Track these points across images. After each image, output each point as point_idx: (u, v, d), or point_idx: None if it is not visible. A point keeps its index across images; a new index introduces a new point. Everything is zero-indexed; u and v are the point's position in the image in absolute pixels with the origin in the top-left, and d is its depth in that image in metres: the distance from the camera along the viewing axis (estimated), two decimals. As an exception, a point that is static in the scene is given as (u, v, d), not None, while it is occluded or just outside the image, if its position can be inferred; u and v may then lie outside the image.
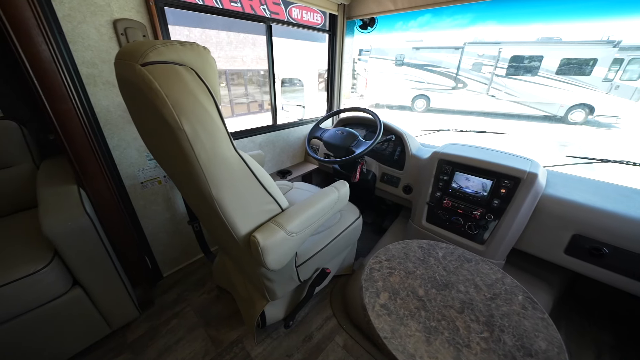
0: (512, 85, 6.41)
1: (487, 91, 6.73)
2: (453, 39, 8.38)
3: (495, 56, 6.37)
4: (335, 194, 0.93)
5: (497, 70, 6.50)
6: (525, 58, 6.17)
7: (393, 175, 1.50)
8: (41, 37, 0.82)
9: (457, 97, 7.32)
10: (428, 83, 7.63)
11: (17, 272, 0.83)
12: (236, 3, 6.06)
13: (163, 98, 0.49)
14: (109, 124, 1.06)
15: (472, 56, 6.87)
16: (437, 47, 7.46)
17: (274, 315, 1.08)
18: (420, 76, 7.66)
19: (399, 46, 7.94)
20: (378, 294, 0.60)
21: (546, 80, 5.87)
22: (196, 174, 0.56)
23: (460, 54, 7.05)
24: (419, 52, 7.74)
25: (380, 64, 8.26)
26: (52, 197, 0.94)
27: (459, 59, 7.10)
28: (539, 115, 6.27)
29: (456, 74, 7.30)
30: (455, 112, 7.41)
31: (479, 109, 7.03)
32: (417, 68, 7.73)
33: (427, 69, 7.81)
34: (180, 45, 0.57)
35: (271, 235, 0.70)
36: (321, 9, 1.74)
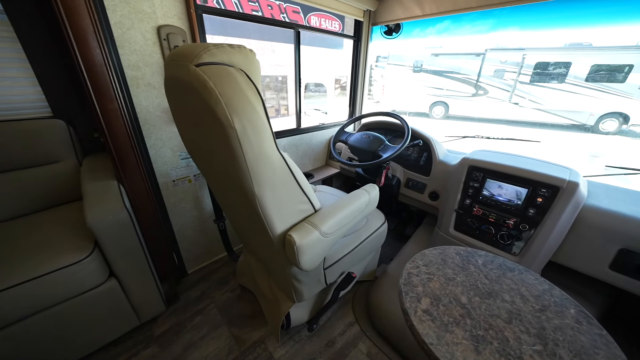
0: (536, 93, 6.18)
1: (510, 98, 6.52)
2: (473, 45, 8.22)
3: (519, 62, 6.18)
4: (367, 197, 0.92)
5: (520, 77, 6.29)
6: (551, 64, 5.94)
7: (418, 181, 1.47)
8: (96, 42, 0.88)
9: (477, 105, 7.13)
10: (447, 90, 7.50)
11: (63, 261, 0.88)
12: (257, 12, 6.27)
13: (217, 96, 0.51)
14: (148, 124, 1.12)
15: (494, 62, 6.70)
16: (457, 54, 7.34)
17: (298, 317, 1.07)
18: (439, 83, 7.54)
19: (417, 53, 7.88)
20: (419, 299, 0.58)
21: (574, 88, 5.62)
22: (241, 171, 0.58)
23: (482, 61, 6.89)
24: (438, 58, 7.64)
25: (397, 70, 8.23)
26: (95, 191, 0.99)
27: (479, 65, 6.95)
28: (566, 124, 5.98)
29: (477, 81, 7.13)
30: (475, 120, 7.21)
31: (501, 116, 6.81)
32: (436, 75, 7.63)
33: (446, 75, 7.69)
34: (230, 48, 0.59)
35: (306, 235, 0.71)
36: (347, 15, 1.76)
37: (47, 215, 1.14)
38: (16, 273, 0.82)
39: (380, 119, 1.71)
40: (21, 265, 0.84)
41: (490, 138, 1.76)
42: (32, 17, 1.19)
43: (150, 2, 1.00)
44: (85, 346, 1.03)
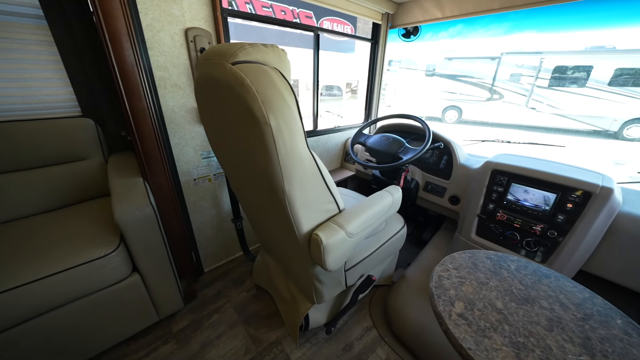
0: (555, 97, 6.00)
1: (527, 103, 6.36)
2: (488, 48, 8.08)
3: (536, 66, 6.03)
4: (390, 199, 0.91)
5: (538, 81, 6.14)
6: (570, 68, 5.77)
7: (438, 185, 1.44)
8: (129, 43, 0.91)
9: (492, 109, 6.99)
10: (460, 94, 7.39)
11: (91, 254, 0.90)
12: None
13: (254, 93, 0.52)
14: (173, 123, 1.15)
15: (510, 66, 6.57)
16: (471, 58, 7.24)
17: (316, 319, 1.06)
18: (452, 87, 7.45)
19: (429, 56, 7.82)
20: (452, 303, 0.56)
21: (596, 92, 5.42)
22: (272, 167, 0.58)
23: (497, 64, 6.77)
24: (451, 62, 7.56)
25: (409, 74, 8.18)
26: (122, 187, 1.02)
27: (495, 69, 6.82)
28: (587, 130, 5.77)
29: (492, 85, 7.00)
30: (490, 125, 7.06)
31: (517, 121, 6.64)
32: (449, 78, 7.54)
33: (459, 79, 7.59)
34: (264, 47, 0.60)
35: (333, 235, 0.70)
36: (365, 18, 1.77)
37: (75, 210, 1.18)
38: (49, 264, 0.85)
39: (397, 121, 1.69)
40: (53, 257, 0.87)
41: (511, 142, 1.71)
42: (68, 22, 1.26)
43: (179, 5, 1.03)
44: (107, 339, 1.05)
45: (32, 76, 1.25)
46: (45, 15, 1.21)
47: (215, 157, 1.32)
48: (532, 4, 1.35)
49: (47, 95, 1.30)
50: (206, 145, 1.28)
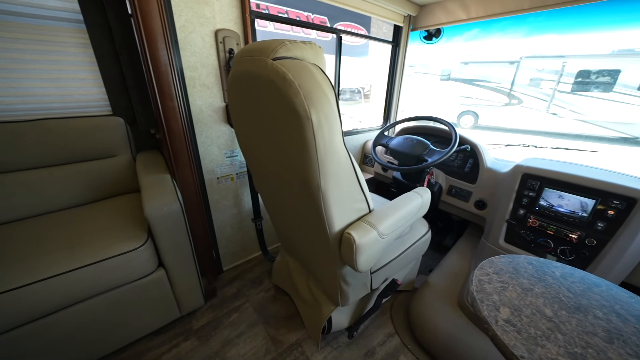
0: (578, 103, 5.77)
1: (548, 108, 6.14)
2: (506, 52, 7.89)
3: (558, 71, 5.84)
4: (419, 200, 0.89)
5: (559, 85, 5.93)
6: (595, 72, 5.54)
7: (463, 189, 1.40)
8: (163, 43, 0.94)
9: (510, 114, 6.79)
10: (477, 99, 7.24)
11: (120, 248, 0.92)
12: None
13: (296, 88, 0.51)
14: (200, 122, 1.17)
15: (530, 70, 6.39)
16: (488, 62, 7.10)
17: (338, 322, 1.04)
18: (469, 92, 7.31)
19: (444, 60, 7.73)
20: (497, 308, 0.53)
21: (624, 97, 5.17)
22: (310, 163, 0.58)
23: (516, 69, 6.60)
24: (467, 66, 7.43)
25: (424, 78, 8.10)
26: (152, 183, 1.05)
27: (513, 73, 6.65)
28: (614, 137, 5.50)
29: (510, 90, 6.83)
30: (508, 130, 6.86)
31: (537, 127, 6.42)
32: (465, 83, 7.41)
33: (475, 84, 7.44)
34: (302, 44, 0.60)
35: (365, 234, 0.69)
36: (387, 20, 1.76)
37: (104, 205, 1.22)
38: (82, 256, 0.87)
39: (419, 124, 1.67)
40: (86, 249, 0.90)
41: (537, 147, 1.65)
42: (103, 26, 1.32)
43: (211, 7, 1.06)
44: (131, 333, 1.06)
45: (69, 77, 1.31)
46: (84, 19, 1.27)
47: (238, 156, 1.34)
48: (564, 3, 1.31)
49: (82, 94, 1.36)
50: (230, 145, 1.29)
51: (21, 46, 1.18)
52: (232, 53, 1.14)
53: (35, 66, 1.23)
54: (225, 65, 1.14)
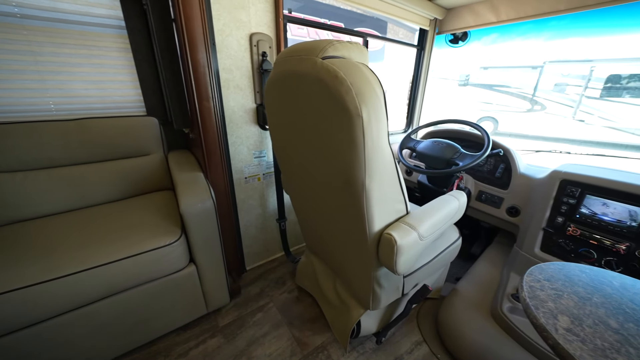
0: (608, 109, 5.49)
1: (574, 115, 5.88)
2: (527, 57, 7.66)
3: (586, 75, 5.59)
4: (456, 203, 0.86)
5: (587, 91, 5.67)
6: (625, 77, 5.27)
7: (494, 195, 1.35)
8: (203, 46, 0.98)
9: (533, 121, 6.55)
10: (497, 104, 7.04)
11: (156, 242, 0.95)
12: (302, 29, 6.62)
13: (348, 86, 0.52)
14: (232, 123, 1.20)
15: (554, 75, 6.15)
16: (509, 67, 6.91)
17: (367, 327, 1.02)
18: (488, 97, 7.12)
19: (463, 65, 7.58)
20: (554, 316, 0.50)
21: (660, 104, 4.87)
22: (356, 160, 0.57)
23: (539, 74, 6.38)
24: (486, 71, 7.26)
25: (442, 83, 7.98)
26: (186, 181, 1.08)
27: (536, 78, 6.43)
28: (649, 145, 5.17)
29: (532, 95, 6.60)
30: (530, 137, 6.60)
31: (562, 135, 6.15)
32: (485, 88, 7.23)
33: (495, 89, 7.25)
34: (349, 44, 0.61)
35: (406, 235, 0.67)
36: (412, 23, 1.76)
37: (138, 201, 1.26)
38: (121, 249, 0.90)
39: (445, 127, 1.64)
40: (124, 242, 0.93)
41: (571, 153, 1.58)
42: (142, 32, 1.39)
43: (247, 12, 1.09)
44: (161, 327, 1.08)
45: (110, 79, 1.38)
46: (126, 25, 1.35)
47: (265, 157, 1.36)
48: (605, 3, 1.26)
49: (120, 96, 1.43)
50: (259, 145, 1.32)
51: (69, 51, 1.27)
52: (265, 56, 1.16)
53: (80, 69, 1.30)
54: (258, 68, 1.17)
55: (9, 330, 0.77)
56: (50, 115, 1.28)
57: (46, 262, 0.83)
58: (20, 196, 1.12)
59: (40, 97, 1.26)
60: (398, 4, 1.56)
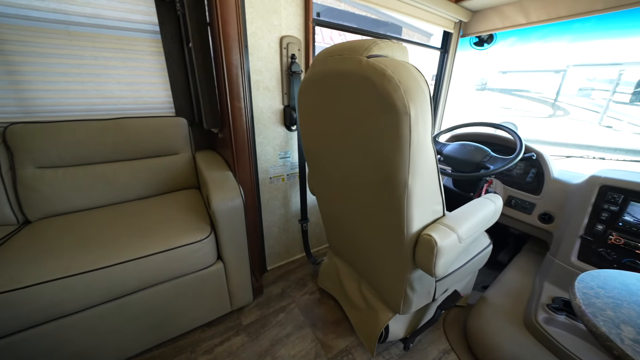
0: (639, 114, 5.21)
1: (601, 120, 5.62)
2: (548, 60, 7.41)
3: (614, 79, 5.34)
4: (493, 206, 0.84)
5: (615, 95, 5.42)
6: (658, 82, 4.99)
7: (525, 200, 1.30)
8: (237, 48, 1.01)
9: (555, 126, 6.31)
10: (516, 109, 6.84)
11: (188, 238, 0.97)
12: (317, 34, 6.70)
13: (396, 84, 0.52)
14: (260, 123, 1.22)
15: (579, 79, 5.92)
16: (530, 71, 6.72)
17: (395, 331, 1.00)
18: (507, 102, 6.94)
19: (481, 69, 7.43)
20: (617, 325, 0.47)
21: (697, 109, 4.58)
22: (401, 159, 0.57)
23: (561, 78, 6.16)
24: (505, 75, 7.09)
25: (459, 88, 7.84)
26: (217, 179, 1.10)
27: (559, 83, 6.21)
28: (684, 153, 4.85)
29: (554, 100, 6.37)
30: (552, 144, 6.34)
31: (587, 141, 5.87)
32: (503, 93, 7.05)
33: (514, 94, 7.05)
34: (392, 43, 0.61)
35: (446, 237, 0.66)
36: (437, 26, 1.74)
37: (167, 199, 1.30)
38: (153, 244, 0.93)
39: (471, 131, 1.60)
40: (156, 237, 0.96)
41: (605, 159, 1.50)
42: (174, 36, 1.45)
43: (278, 15, 1.12)
44: (187, 323, 1.10)
45: (143, 81, 1.45)
46: (160, 30, 1.41)
47: (290, 158, 1.37)
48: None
49: (151, 97, 1.49)
50: (284, 146, 1.33)
51: (107, 54, 1.33)
52: (294, 58, 1.18)
53: (116, 71, 1.37)
54: (287, 70, 1.19)
55: (49, 319, 0.80)
56: (88, 115, 1.35)
57: (84, 254, 0.86)
58: (59, 191, 1.17)
59: (80, 98, 1.33)
60: (423, 6, 1.55)
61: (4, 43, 1.13)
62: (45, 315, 0.79)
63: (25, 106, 1.23)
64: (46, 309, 0.78)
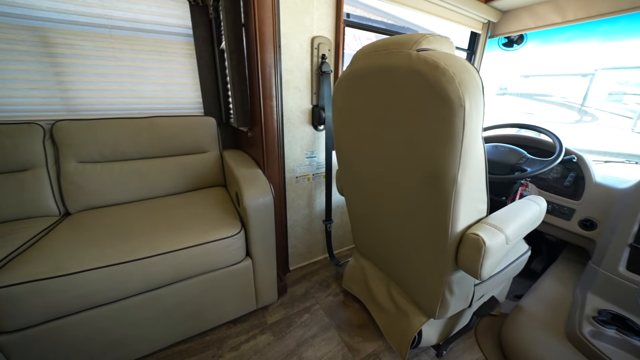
0: (676, 121, 4.88)
1: (634, 127, 5.30)
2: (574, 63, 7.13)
3: (648, 84, 5.05)
4: (537, 208, 0.80)
5: (649, 101, 5.10)
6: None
7: (563, 206, 1.23)
8: (272, 47, 1.03)
9: (581, 133, 6.01)
10: (539, 115, 6.58)
11: (220, 233, 0.99)
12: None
13: (450, 76, 0.51)
14: (289, 122, 1.23)
15: (609, 83, 5.64)
16: (554, 75, 6.48)
17: (428, 337, 0.96)
18: (529, 107, 6.70)
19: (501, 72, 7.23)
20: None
21: None
22: (451, 153, 0.55)
23: (589, 82, 5.89)
24: (527, 79, 6.87)
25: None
26: (248, 177, 1.11)
27: (586, 87, 5.95)
28: None
29: (581, 105, 6.09)
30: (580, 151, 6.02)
31: (617, 149, 5.54)
32: (525, 98, 6.82)
33: (537, 98, 6.81)
34: (440, 37, 0.60)
35: (494, 237, 0.63)
36: (464, 27, 1.71)
37: (196, 195, 1.33)
38: (188, 237, 0.94)
39: (503, 132, 1.55)
40: (190, 231, 0.97)
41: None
42: (206, 39, 1.50)
43: (310, 16, 1.13)
44: (215, 318, 1.10)
45: (175, 81, 1.50)
46: (193, 33, 1.46)
47: (316, 157, 1.37)
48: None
49: (182, 97, 1.54)
50: (311, 146, 1.34)
51: (143, 56, 1.40)
52: (325, 58, 1.19)
53: (151, 72, 1.43)
54: (317, 70, 1.20)
55: (89, 306, 0.83)
56: (124, 114, 1.41)
57: (123, 245, 0.89)
58: (98, 185, 1.23)
59: (117, 97, 1.39)
60: (452, 7, 1.53)
61: (53, 46, 1.21)
62: (86, 302, 0.82)
63: (69, 104, 1.30)
64: (88, 296, 0.81)
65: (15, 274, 0.74)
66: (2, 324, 0.73)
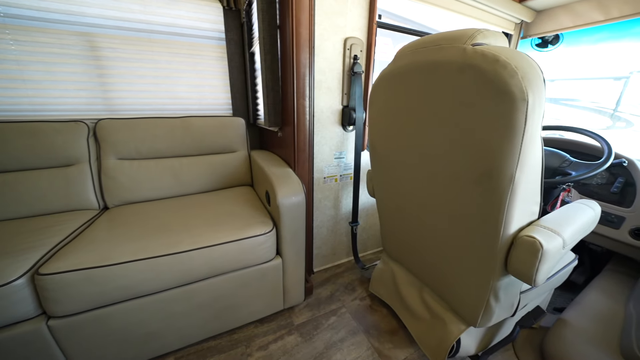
0: None
1: (675, 133, 4.93)
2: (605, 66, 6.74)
3: (691, 88, 4.70)
4: (592, 212, 0.75)
5: (693, 106, 4.74)
6: None
7: (610, 213, 1.15)
8: (307, 48, 1.04)
9: (615, 139, 5.65)
10: (567, 120, 6.26)
11: (254, 231, 0.99)
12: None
13: (513, 69, 0.49)
14: (319, 123, 1.24)
15: (645, 88, 5.29)
16: (583, 78, 6.16)
17: (466, 346, 0.91)
18: (555, 112, 6.39)
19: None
20: None
21: None
22: (508, 151, 0.53)
23: (623, 85, 5.56)
24: (553, 84, 6.57)
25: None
26: (280, 175, 1.12)
27: (620, 91, 5.61)
28: None
29: (614, 110, 5.74)
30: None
31: (656, 155, 5.16)
32: (551, 102, 6.52)
33: (563, 103, 6.49)
34: (495, 32, 0.59)
35: (551, 240, 0.59)
36: (496, 27, 1.67)
37: (226, 194, 1.35)
38: (223, 233, 0.96)
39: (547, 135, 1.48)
40: (224, 227, 0.99)
41: None
42: (237, 42, 1.55)
43: (344, 17, 1.14)
44: (244, 316, 1.10)
45: (206, 83, 1.55)
46: (225, 37, 1.51)
47: (344, 158, 1.36)
48: None
49: (213, 98, 1.59)
50: (339, 146, 1.33)
51: (179, 59, 1.45)
52: (357, 59, 1.19)
53: (185, 74, 1.49)
54: (349, 70, 1.20)
55: (128, 297, 0.85)
56: (159, 113, 1.47)
57: (162, 239, 0.91)
58: (134, 181, 1.27)
59: (153, 98, 1.45)
60: (484, 7, 1.50)
61: (99, 50, 1.29)
62: (129, 293, 0.84)
63: (110, 104, 1.37)
64: (131, 286, 0.83)
65: (64, 263, 0.78)
66: (53, 309, 0.76)
